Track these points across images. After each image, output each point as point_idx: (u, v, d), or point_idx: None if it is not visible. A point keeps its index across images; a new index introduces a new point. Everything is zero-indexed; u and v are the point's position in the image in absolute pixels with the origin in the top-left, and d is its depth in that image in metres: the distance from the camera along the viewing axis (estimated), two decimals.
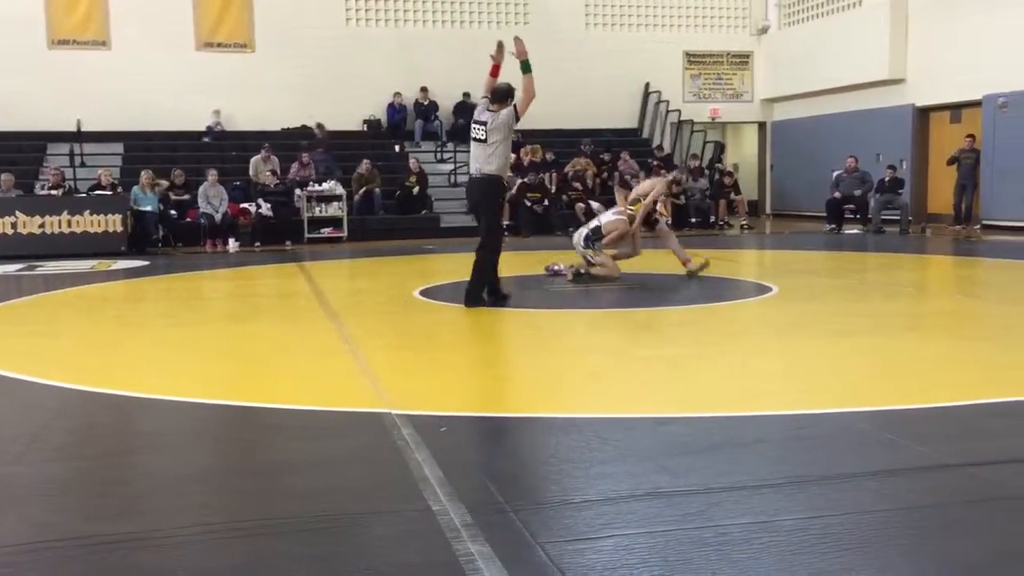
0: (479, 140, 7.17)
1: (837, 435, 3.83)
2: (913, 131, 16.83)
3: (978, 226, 15.12)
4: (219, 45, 18.09)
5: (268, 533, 2.80)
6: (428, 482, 3.18)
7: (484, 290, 7.39)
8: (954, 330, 6.60)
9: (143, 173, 14.49)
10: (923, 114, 16.84)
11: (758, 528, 2.75)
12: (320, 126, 17.56)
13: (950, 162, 15.48)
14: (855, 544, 2.65)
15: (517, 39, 7.31)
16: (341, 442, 3.84)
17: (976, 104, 15.36)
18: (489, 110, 7.31)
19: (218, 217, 14.46)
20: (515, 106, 7.24)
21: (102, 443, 3.97)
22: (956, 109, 16.19)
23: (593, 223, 9.21)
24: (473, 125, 7.25)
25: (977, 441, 3.66)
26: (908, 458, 3.42)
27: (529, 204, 16.05)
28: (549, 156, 17.54)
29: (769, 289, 8.22)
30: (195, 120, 17.48)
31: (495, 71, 7.51)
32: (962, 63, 15.31)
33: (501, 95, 7.32)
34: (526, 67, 7.22)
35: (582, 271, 9.04)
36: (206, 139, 17.58)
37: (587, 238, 9.13)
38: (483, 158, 7.16)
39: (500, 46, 7.39)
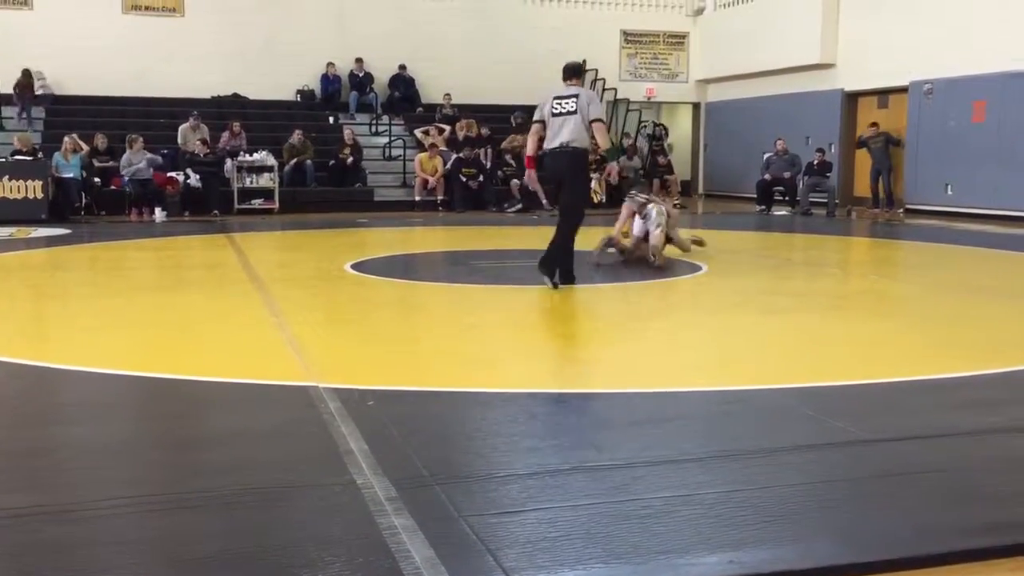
0: (569, 112, 7.14)
1: (760, 411, 3.90)
2: (842, 115, 17.15)
3: (901, 210, 15.51)
4: (147, 8, 17.57)
5: (186, 506, 2.75)
6: (353, 456, 3.15)
7: (560, 262, 7.18)
8: (874, 310, 6.77)
9: (65, 138, 14.04)
10: (852, 99, 17.17)
11: (680, 501, 2.79)
12: None
13: (858, 146, 15.87)
14: (774, 516, 2.70)
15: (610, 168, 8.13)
16: (265, 415, 3.79)
17: (903, 90, 15.72)
18: (570, 84, 7.37)
19: (139, 167, 13.98)
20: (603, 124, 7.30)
21: (16, 414, 3.85)
22: (883, 95, 16.54)
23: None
24: (556, 101, 7.22)
25: (893, 417, 3.76)
26: (827, 433, 3.50)
27: (464, 179, 15.97)
28: (485, 131, 17.47)
29: (699, 268, 8.33)
30: (121, 85, 16.97)
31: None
32: (890, 50, 15.63)
33: (577, 70, 7.58)
34: (611, 155, 8.40)
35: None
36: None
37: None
38: (573, 131, 7.11)
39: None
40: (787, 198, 16.19)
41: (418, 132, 17.34)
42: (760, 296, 7.05)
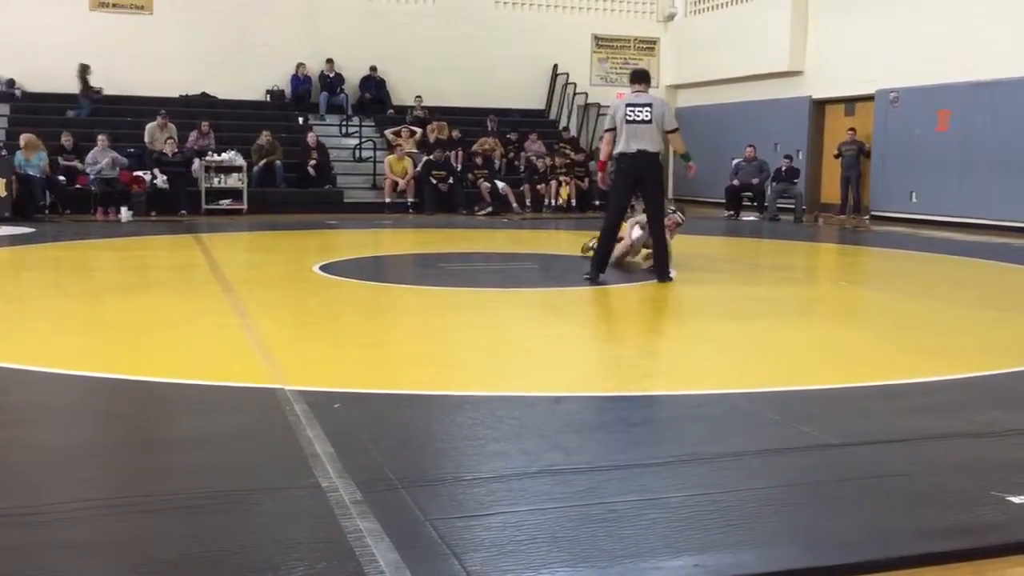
0: (644, 121, 7.65)
1: (725, 415, 3.93)
2: (810, 122, 17.32)
3: (867, 217, 15.69)
4: (114, 6, 17.36)
5: (150, 510, 2.72)
6: (319, 459, 3.13)
7: (662, 259, 7.82)
8: (840, 316, 6.85)
9: (23, 136, 13.83)
10: (819, 106, 17.34)
11: (646, 505, 2.80)
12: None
13: (837, 155, 16.05)
14: (739, 520, 2.71)
15: (692, 166, 8.29)
16: (230, 418, 3.75)
17: (870, 98, 15.90)
18: (638, 91, 7.84)
19: (104, 165, 13.80)
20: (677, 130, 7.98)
21: None
22: (850, 102, 16.72)
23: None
24: (630, 108, 7.69)
25: (857, 422, 3.79)
26: (792, 438, 3.53)
27: (434, 182, 15.94)
28: (456, 134, 17.45)
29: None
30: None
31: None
32: (857, 58, 15.81)
33: (646, 76, 8.07)
34: (687, 157, 8.20)
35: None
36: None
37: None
38: (651, 137, 7.67)
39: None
40: (755, 204, 16.32)
41: (389, 133, 17.28)
42: (728, 302, 7.10)
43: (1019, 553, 2.53)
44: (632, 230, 8.56)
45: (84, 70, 16.16)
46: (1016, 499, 2.85)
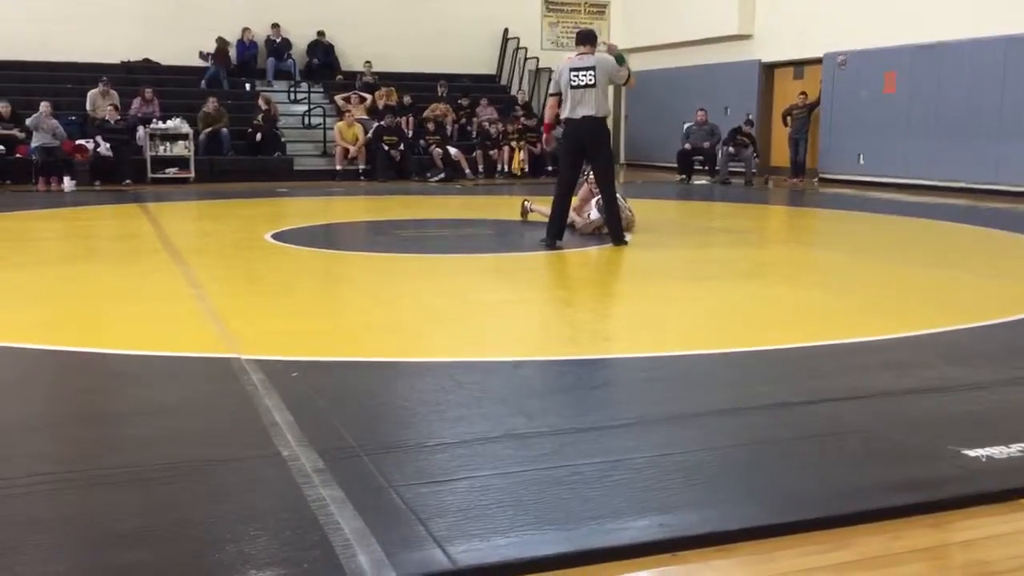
0: (588, 85, 7.51)
1: (684, 376, 3.95)
2: (759, 86, 17.41)
3: (816, 179, 15.86)
4: None
5: (103, 483, 2.66)
6: (278, 428, 3.08)
7: (613, 222, 7.80)
8: (794, 277, 6.92)
9: None
10: (768, 70, 17.44)
11: (609, 467, 2.80)
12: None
13: (784, 117, 16.16)
14: (702, 479, 2.73)
15: (609, 44, 8.17)
16: (185, 388, 3.68)
17: (817, 62, 16.02)
18: (582, 53, 7.66)
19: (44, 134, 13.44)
20: (625, 68, 7.78)
21: None
22: (799, 66, 16.83)
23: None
24: (574, 72, 7.53)
25: (813, 380, 3.84)
26: (750, 397, 3.56)
27: (386, 148, 15.77)
28: (407, 100, 17.26)
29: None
30: (24, 49, 16.25)
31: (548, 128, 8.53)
32: (804, 21, 15.90)
33: (591, 37, 7.90)
34: (620, 59, 7.83)
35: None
36: None
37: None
38: (596, 102, 7.54)
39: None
40: (707, 168, 16.41)
41: (338, 99, 17.04)
42: (683, 264, 7.14)
43: (978, 504, 2.58)
44: (592, 210, 8.49)
45: None
46: (972, 452, 2.91)
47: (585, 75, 7.53)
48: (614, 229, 7.83)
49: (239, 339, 4.34)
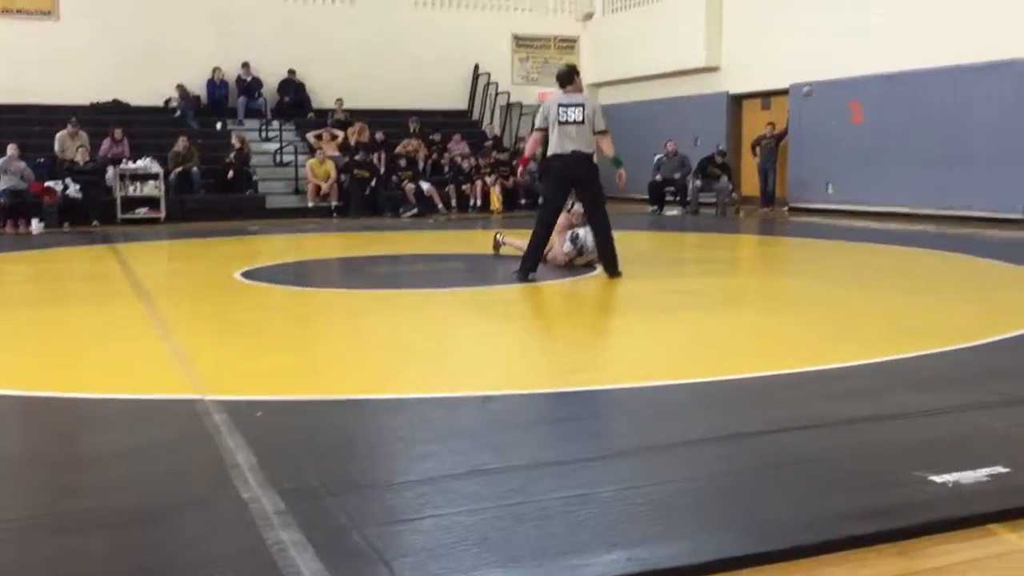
0: (577, 122, 7.59)
1: (653, 408, 3.94)
2: (728, 117, 17.61)
3: (786, 208, 16.01)
4: (19, 11, 16.77)
5: (67, 528, 2.60)
6: (239, 469, 3.03)
7: (611, 253, 7.80)
8: (760, 305, 6.95)
9: None
10: (736, 101, 17.64)
11: (577, 500, 2.78)
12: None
13: (753, 148, 16.34)
14: (669, 511, 2.71)
15: (620, 173, 8.08)
16: (148, 431, 3.62)
17: (784, 92, 16.23)
18: (569, 90, 7.76)
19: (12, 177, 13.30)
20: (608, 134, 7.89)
21: None
22: (766, 97, 17.05)
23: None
24: (562, 108, 7.60)
25: (780, 409, 3.83)
26: (718, 427, 3.55)
27: (357, 177, 15.77)
28: (379, 136, 17.30)
29: (592, 268, 8.38)
30: None
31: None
32: (771, 53, 16.13)
33: (572, 75, 7.91)
34: (617, 163, 7.99)
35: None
36: None
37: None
38: (584, 138, 7.64)
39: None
40: (678, 198, 16.52)
41: (310, 136, 17.04)
42: (653, 295, 7.15)
43: (944, 531, 2.58)
44: (564, 243, 8.50)
45: None
46: (938, 478, 2.91)
47: (575, 111, 7.60)
48: (609, 261, 7.80)
49: (204, 380, 4.28)
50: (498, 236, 9.54)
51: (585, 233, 8.37)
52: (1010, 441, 3.37)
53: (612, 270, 7.79)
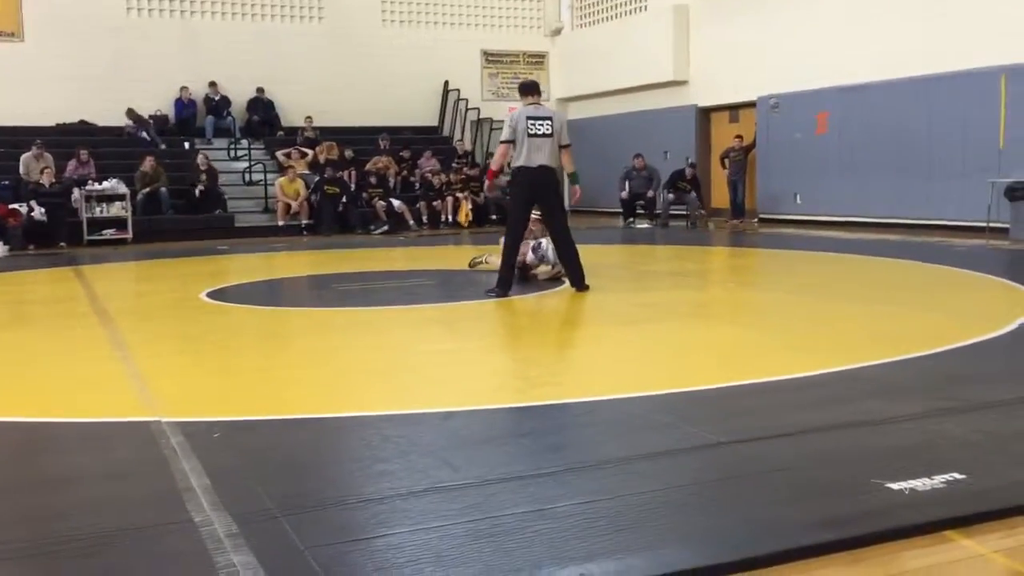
0: (546, 135, 7.63)
1: (615, 421, 3.93)
2: (696, 130, 17.72)
3: (755, 219, 16.11)
4: None
5: (8, 558, 2.54)
6: (193, 492, 2.98)
7: (578, 266, 7.82)
8: (728, 316, 6.97)
9: None
10: (704, 114, 17.77)
11: (532, 516, 2.75)
12: None
13: (722, 160, 16.44)
14: (627, 525, 2.69)
15: (576, 190, 8.27)
16: (100, 456, 3.56)
17: (751, 105, 16.36)
18: (534, 103, 7.80)
19: None
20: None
21: None
22: (734, 110, 17.18)
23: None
24: (532, 121, 7.62)
25: (743, 419, 3.83)
26: (680, 439, 3.53)
27: (328, 194, 15.72)
28: (348, 153, 17.26)
29: (560, 282, 8.37)
30: None
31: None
32: (738, 66, 16.27)
33: (535, 87, 8.02)
34: (575, 179, 8.07)
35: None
36: None
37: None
38: (551, 152, 7.67)
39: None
40: (647, 212, 16.59)
41: (280, 155, 16.99)
42: (620, 308, 7.15)
43: (898, 538, 2.58)
44: (528, 253, 8.50)
45: None
46: (895, 485, 2.91)
47: (543, 124, 7.64)
48: (574, 274, 7.81)
49: (161, 401, 4.22)
50: (476, 258, 9.49)
51: (547, 243, 8.38)
52: (967, 447, 3.38)
53: (579, 284, 7.78)
